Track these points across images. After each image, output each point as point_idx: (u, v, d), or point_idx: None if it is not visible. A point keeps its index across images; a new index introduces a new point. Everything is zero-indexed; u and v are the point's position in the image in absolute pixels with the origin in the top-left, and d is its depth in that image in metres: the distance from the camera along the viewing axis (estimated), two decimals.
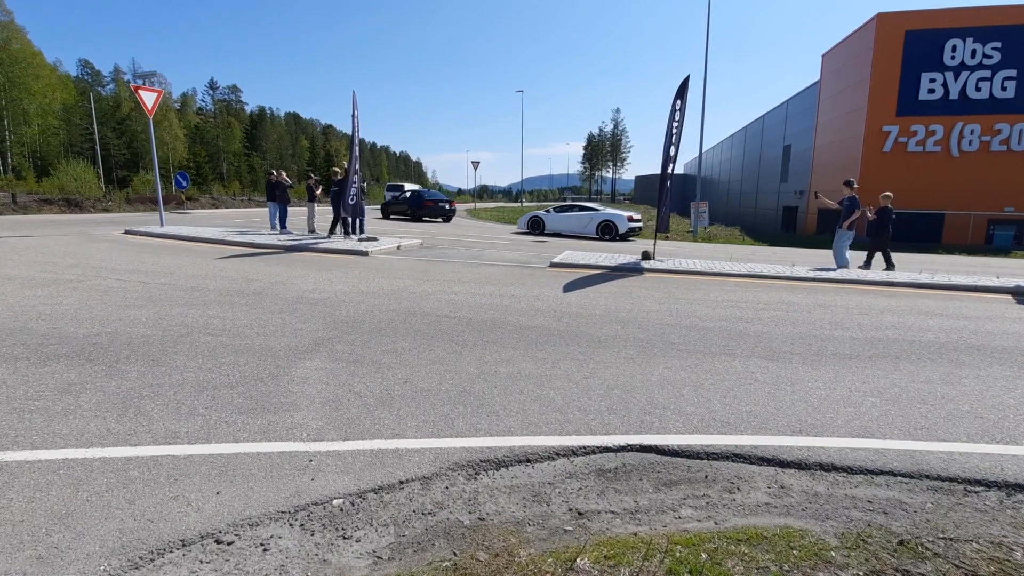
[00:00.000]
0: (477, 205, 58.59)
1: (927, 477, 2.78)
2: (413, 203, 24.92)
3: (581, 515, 2.38)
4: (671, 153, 9.80)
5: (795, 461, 2.87)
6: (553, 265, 9.87)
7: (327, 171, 14.90)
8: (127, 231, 13.97)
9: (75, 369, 3.80)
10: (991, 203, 21.74)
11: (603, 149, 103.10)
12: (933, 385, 4.03)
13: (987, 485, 2.71)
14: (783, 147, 32.91)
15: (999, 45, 20.71)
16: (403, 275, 8.37)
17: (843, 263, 10.24)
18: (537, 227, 19.18)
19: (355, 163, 12.04)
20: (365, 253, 10.73)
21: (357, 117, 11.94)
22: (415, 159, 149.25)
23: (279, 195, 14.36)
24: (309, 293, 6.66)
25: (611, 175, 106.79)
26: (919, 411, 3.55)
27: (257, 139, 70.96)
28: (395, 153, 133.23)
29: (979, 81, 21.12)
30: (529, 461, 2.81)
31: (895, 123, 22.19)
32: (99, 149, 42.22)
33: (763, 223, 33.94)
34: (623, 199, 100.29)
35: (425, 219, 24.89)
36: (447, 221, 25.38)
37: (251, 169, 66.85)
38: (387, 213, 25.83)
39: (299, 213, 21.50)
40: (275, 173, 14.54)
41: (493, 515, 2.35)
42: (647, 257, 10.66)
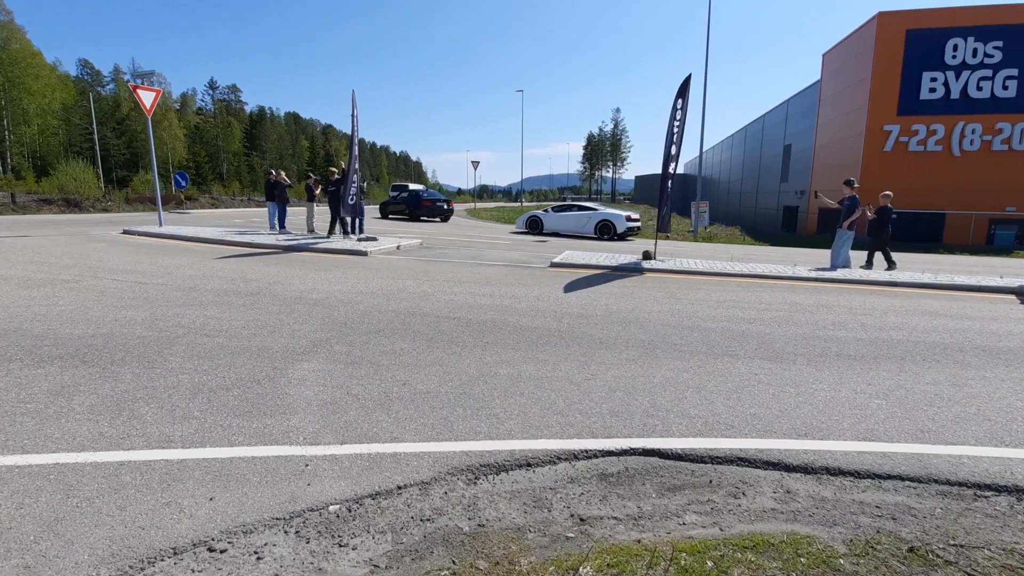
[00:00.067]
0: (477, 205, 58.53)
1: (936, 481, 2.73)
2: (411, 203, 24.86)
3: (583, 521, 2.33)
4: (672, 152, 9.73)
5: (801, 465, 2.82)
6: (553, 265, 9.82)
7: (326, 171, 14.86)
8: (125, 231, 13.92)
9: (69, 371, 3.75)
10: (992, 203, 21.68)
11: (603, 149, 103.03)
12: (939, 387, 3.98)
13: (997, 490, 2.66)
14: (783, 146, 32.84)
15: (1000, 44, 20.64)
16: (402, 275, 8.32)
17: (840, 263, 10.17)
18: (535, 227, 19.16)
19: (354, 163, 11.99)
20: (364, 253, 10.68)
21: (356, 116, 11.88)
22: (415, 159, 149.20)
23: (278, 195, 14.32)
24: (307, 293, 6.60)
25: (611, 175, 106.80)
26: (926, 413, 3.49)
27: (257, 139, 70.87)
28: (395, 153, 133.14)
29: (980, 80, 21.05)
30: (530, 465, 2.76)
31: (896, 122, 22.12)
32: (99, 149, 42.17)
33: (763, 223, 33.88)
34: (623, 199, 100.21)
35: (423, 219, 24.85)
36: (445, 221, 25.34)
37: (251, 169, 66.76)
38: (385, 213, 25.79)
39: (299, 213, 21.46)
40: (274, 173, 14.49)
41: (493, 521, 2.30)
42: (648, 257, 10.60)
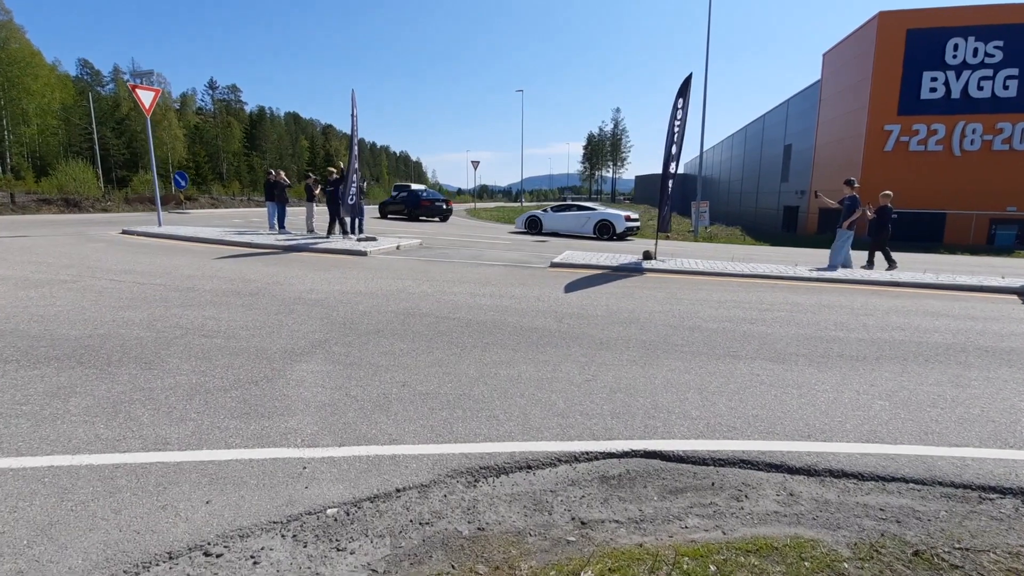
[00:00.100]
0: (477, 205, 58.49)
1: (940, 484, 2.70)
2: (410, 203, 24.82)
3: (584, 524, 2.30)
4: (673, 152, 9.69)
5: (804, 467, 2.79)
6: (554, 265, 9.79)
7: (325, 171, 14.82)
8: (124, 231, 13.89)
9: (65, 372, 3.72)
10: (993, 203, 21.65)
11: (603, 149, 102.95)
12: (942, 388, 3.95)
13: (1002, 492, 2.64)
14: (784, 146, 32.80)
15: (1001, 44, 20.61)
16: (402, 275, 8.29)
17: (838, 262, 10.12)
18: (535, 226, 19.16)
19: (354, 162, 11.96)
20: (364, 253, 10.64)
21: (356, 116, 11.86)
22: (415, 159, 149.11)
23: (277, 195, 14.28)
24: (306, 294, 6.57)
25: (611, 175, 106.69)
26: (929, 415, 3.47)
27: (257, 139, 70.83)
28: (395, 153, 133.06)
29: (981, 80, 21.01)
30: (530, 467, 2.73)
31: (897, 122, 22.08)
32: (98, 149, 42.16)
33: (764, 223, 33.85)
34: (623, 199, 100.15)
35: (422, 218, 24.83)
36: (444, 220, 25.32)
37: (251, 169, 66.72)
38: (385, 213, 25.80)
39: (298, 213, 21.43)
40: (273, 173, 14.46)
41: (493, 525, 2.27)
42: (648, 257, 10.57)
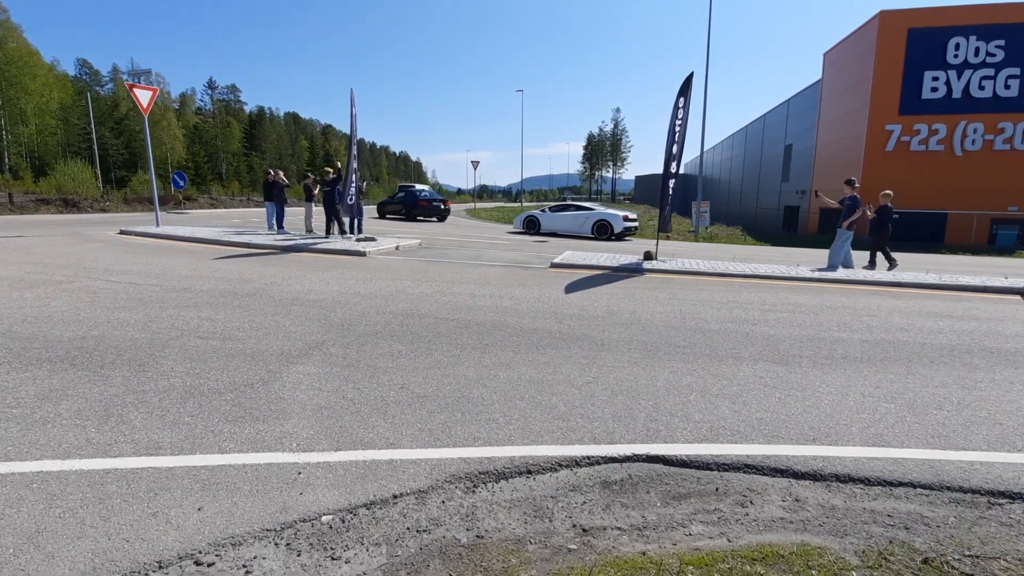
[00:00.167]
0: (477, 205, 58.45)
1: (948, 489, 2.65)
2: (407, 203, 24.81)
3: (586, 532, 2.25)
4: (674, 152, 9.63)
5: (810, 472, 2.73)
6: (554, 266, 9.73)
7: (322, 171, 14.76)
8: (122, 231, 13.83)
9: (58, 375, 3.66)
10: (994, 203, 21.60)
11: (603, 149, 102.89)
12: (948, 390, 3.90)
13: (1011, 497, 2.58)
14: (784, 146, 32.76)
15: (1002, 43, 20.55)
16: (401, 276, 8.23)
17: (838, 263, 10.04)
18: (532, 227, 19.15)
19: (353, 162, 11.90)
20: (363, 254, 10.59)
21: (355, 116, 11.80)
22: (415, 159, 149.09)
23: (276, 195, 14.23)
24: (304, 294, 6.51)
25: (611, 175, 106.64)
26: (935, 418, 3.41)
27: (256, 139, 70.78)
28: (395, 153, 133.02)
29: (982, 80, 20.96)
30: (530, 472, 2.68)
31: (898, 122, 22.03)
32: (97, 149, 42.09)
33: (764, 223, 33.80)
34: (623, 199, 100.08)
35: (419, 218, 24.81)
36: (442, 220, 25.31)
37: (250, 169, 66.67)
38: (383, 213, 25.84)
39: (298, 213, 21.38)
40: (272, 173, 14.40)
41: (492, 532, 2.22)
42: (649, 257, 10.52)
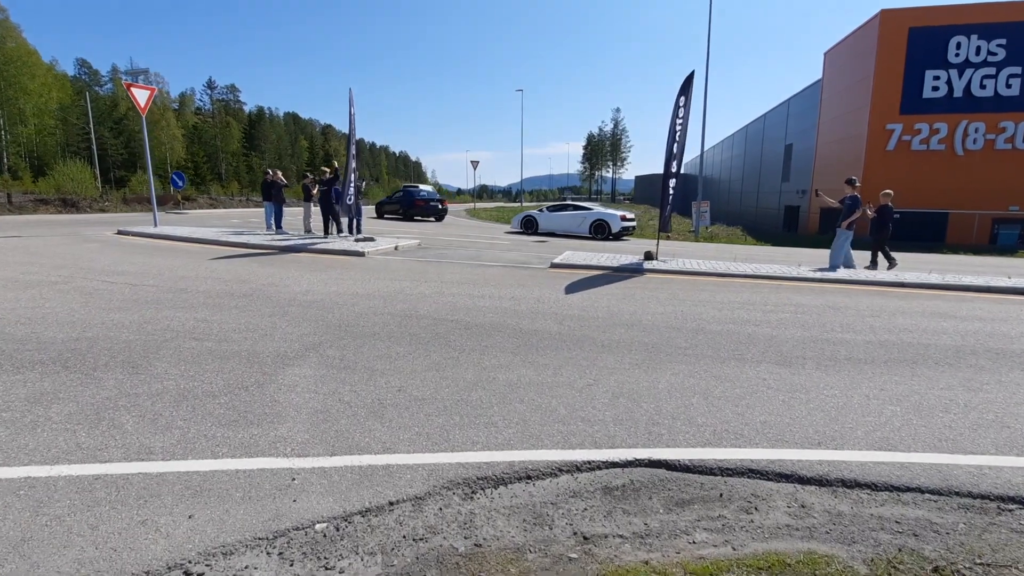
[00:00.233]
0: (476, 205, 58.37)
1: (957, 494, 2.59)
2: (405, 202, 24.89)
3: (587, 540, 2.18)
4: (674, 151, 9.56)
5: (815, 477, 2.67)
6: (554, 266, 9.67)
7: (319, 170, 14.69)
8: (119, 231, 13.77)
9: (49, 377, 3.60)
10: (995, 202, 21.52)
11: (603, 149, 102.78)
12: (954, 392, 3.83)
13: (1021, 503, 2.52)
14: (785, 146, 32.67)
15: (1004, 42, 20.47)
16: (400, 276, 8.16)
17: (839, 263, 9.96)
18: (530, 226, 19.16)
19: (352, 162, 11.84)
20: (362, 254, 10.52)
21: (354, 115, 11.74)
22: (415, 159, 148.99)
23: (275, 195, 14.16)
24: (302, 295, 6.45)
25: (611, 175, 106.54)
26: (942, 420, 3.35)
27: (256, 139, 70.68)
28: (394, 153, 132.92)
29: (984, 79, 20.87)
30: (530, 478, 2.61)
31: (899, 121, 21.95)
32: (96, 149, 42.00)
33: (765, 223, 33.72)
34: (623, 199, 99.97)
35: (417, 218, 24.86)
36: (439, 220, 25.37)
37: (250, 169, 66.60)
38: (381, 212, 25.94)
39: (297, 213, 21.31)
40: (271, 172, 14.34)
41: (491, 540, 2.16)
42: (650, 257, 10.45)
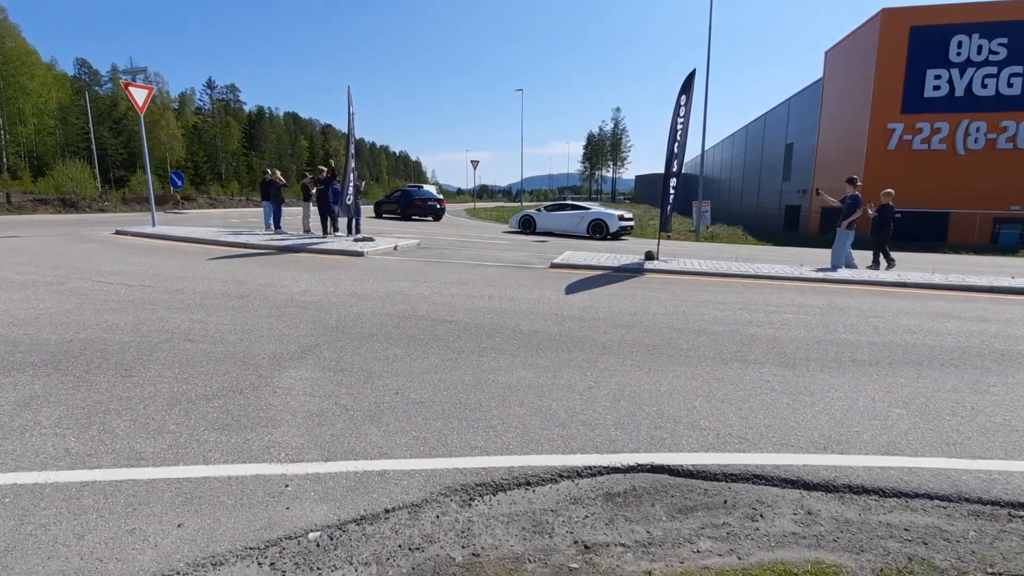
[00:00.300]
0: (476, 205, 58.32)
1: (967, 500, 2.52)
2: (402, 202, 24.92)
3: (588, 549, 2.12)
4: (675, 150, 9.50)
5: (822, 483, 2.61)
6: (554, 266, 9.60)
7: (316, 170, 14.63)
8: (117, 231, 13.71)
9: (40, 380, 3.53)
10: (997, 202, 21.45)
11: (603, 148, 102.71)
12: (961, 394, 3.77)
13: None
14: (785, 145, 32.60)
15: (1005, 41, 20.40)
16: (399, 277, 8.10)
17: (840, 263, 9.88)
18: (529, 226, 19.16)
19: (351, 161, 11.77)
20: (361, 254, 10.46)
21: (353, 115, 11.68)
22: (415, 159, 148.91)
23: (273, 194, 14.10)
24: (299, 296, 6.39)
25: (611, 175, 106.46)
26: (949, 424, 3.29)
27: (256, 139, 70.62)
28: (395, 153, 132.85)
29: (985, 78, 20.80)
30: (529, 484, 2.55)
31: (900, 120, 21.89)
32: (95, 148, 41.96)
33: (765, 222, 33.64)
34: (623, 199, 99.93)
35: (415, 218, 24.89)
36: (437, 220, 25.41)
37: (249, 169, 66.55)
38: (380, 212, 26.02)
39: (296, 213, 21.25)
40: (269, 172, 14.28)
41: (489, 550, 2.09)
42: (651, 257, 10.39)
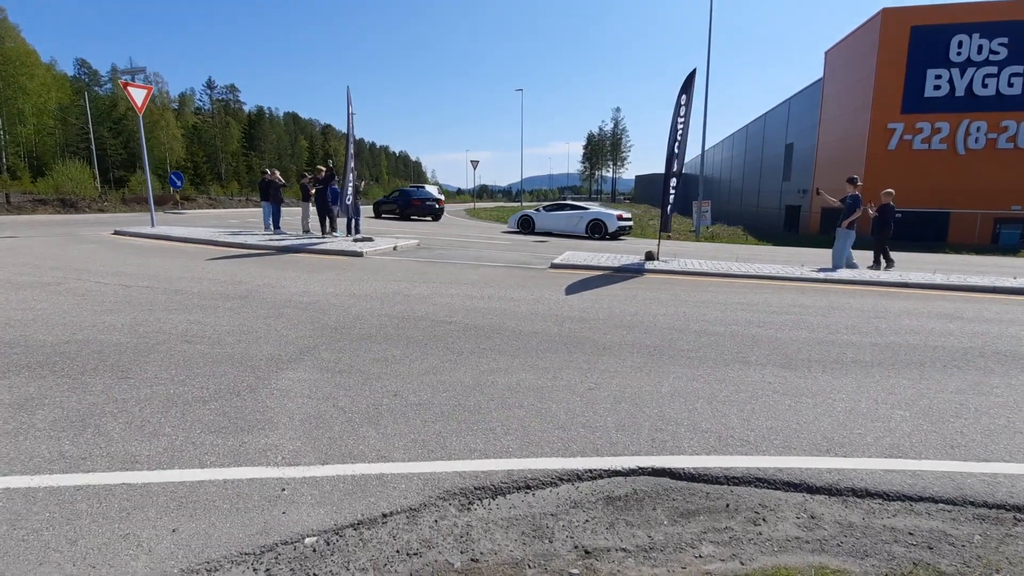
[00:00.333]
0: (476, 205, 58.33)
1: (972, 504, 2.49)
2: (401, 202, 24.96)
3: (588, 554, 2.09)
4: (675, 150, 9.46)
5: (825, 486, 2.58)
6: (554, 266, 9.57)
7: (314, 170, 14.60)
8: (116, 232, 13.68)
9: (36, 382, 3.50)
10: (997, 202, 21.43)
11: (603, 148, 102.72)
12: (964, 396, 3.74)
13: None
14: (785, 145, 32.57)
15: (1006, 41, 20.38)
16: (398, 277, 8.07)
17: (842, 263, 9.83)
18: (527, 226, 19.16)
19: (351, 161, 11.75)
20: (360, 254, 10.43)
21: (352, 114, 11.65)
22: (415, 159, 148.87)
23: (272, 195, 14.07)
24: (298, 296, 6.36)
25: (611, 174, 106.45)
26: (953, 426, 3.26)
27: (256, 139, 70.58)
28: (394, 153, 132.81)
29: (986, 77, 20.78)
30: (529, 488, 2.52)
31: (900, 120, 21.86)
32: (95, 149, 41.93)
33: (765, 222, 33.61)
34: (623, 199, 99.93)
35: (413, 218, 24.92)
36: (436, 219, 25.44)
37: (249, 169, 66.51)
38: (379, 212, 26.07)
39: (295, 213, 21.19)
40: (268, 172, 14.24)
41: (488, 555, 2.06)
42: (651, 258, 10.36)
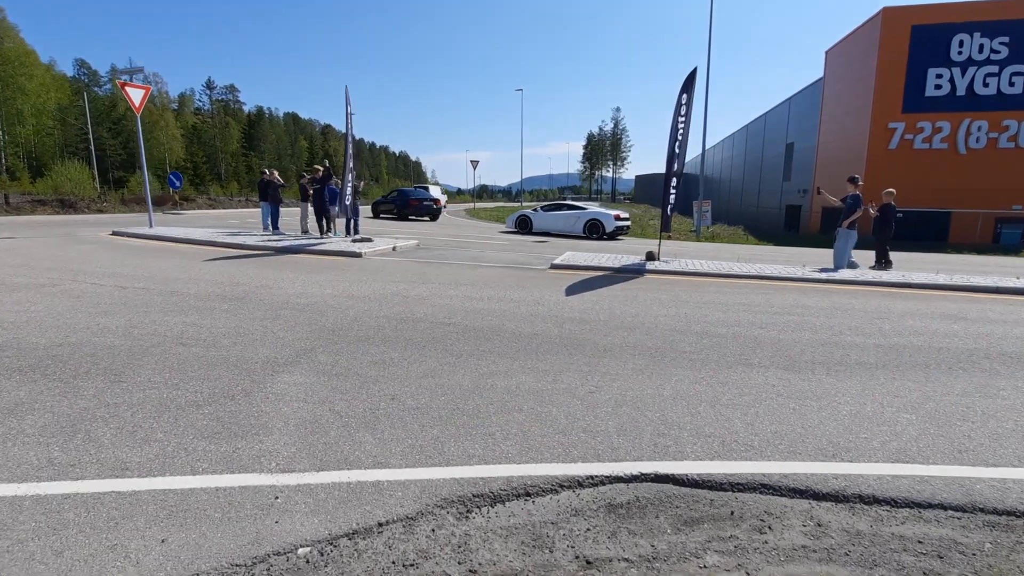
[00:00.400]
0: (476, 205, 58.28)
1: (981, 511, 2.43)
2: (399, 202, 24.99)
3: (590, 564, 2.03)
4: (676, 150, 9.40)
5: (831, 493, 2.52)
6: (554, 267, 9.51)
7: (312, 170, 14.56)
8: (114, 232, 13.62)
9: (26, 386, 3.44)
10: (998, 201, 21.37)
11: (603, 148, 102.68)
12: (971, 399, 3.68)
13: None
14: (786, 145, 32.51)
15: (1007, 40, 20.33)
16: (396, 278, 8.01)
17: (843, 263, 9.76)
18: (525, 226, 19.14)
19: (350, 161, 11.69)
20: (359, 255, 10.37)
21: (351, 114, 11.60)
22: (414, 159, 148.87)
23: (271, 195, 14.01)
24: (295, 298, 6.30)
25: (611, 174, 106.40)
26: (960, 430, 3.20)
27: (255, 139, 70.57)
28: (394, 153, 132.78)
29: (987, 77, 20.73)
30: (529, 495, 2.46)
31: (901, 120, 21.81)
32: (94, 149, 41.89)
33: (766, 222, 33.55)
34: (623, 199, 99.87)
35: (411, 218, 24.93)
36: (434, 219, 25.47)
37: (249, 169, 66.49)
38: (377, 212, 26.11)
39: (294, 213, 21.12)
40: (267, 172, 14.18)
41: (487, 565, 2.00)
42: (652, 258, 10.30)
